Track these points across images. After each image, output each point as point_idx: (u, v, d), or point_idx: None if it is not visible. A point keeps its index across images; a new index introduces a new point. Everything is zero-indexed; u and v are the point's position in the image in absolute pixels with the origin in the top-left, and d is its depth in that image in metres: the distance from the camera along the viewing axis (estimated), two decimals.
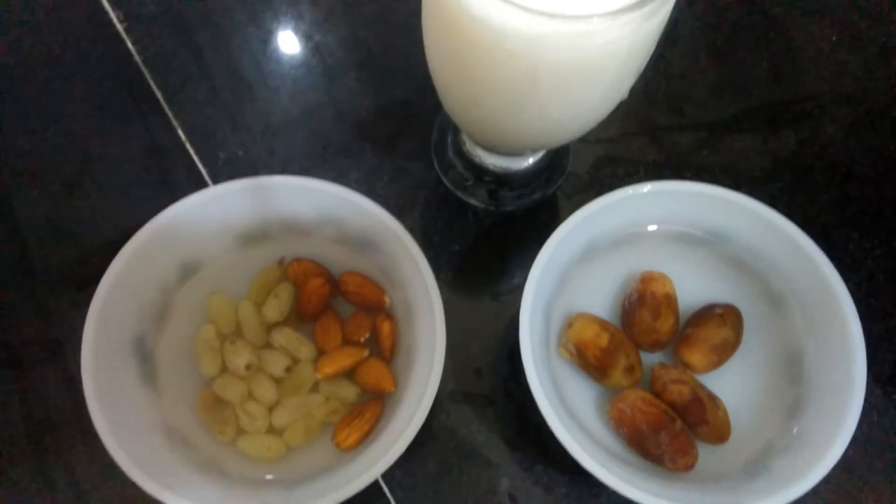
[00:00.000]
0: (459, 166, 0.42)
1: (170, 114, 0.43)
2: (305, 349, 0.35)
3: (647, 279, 0.35)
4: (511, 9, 0.25)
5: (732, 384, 0.34)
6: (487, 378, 0.38)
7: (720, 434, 0.33)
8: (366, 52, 0.45)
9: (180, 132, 0.43)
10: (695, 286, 0.36)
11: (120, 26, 0.45)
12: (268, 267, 0.37)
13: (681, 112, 0.44)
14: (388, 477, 0.36)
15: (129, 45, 0.45)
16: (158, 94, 0.44)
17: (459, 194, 0.41)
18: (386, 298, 0.36)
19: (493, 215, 0.41)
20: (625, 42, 0.27)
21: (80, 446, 0.36)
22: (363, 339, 0.35)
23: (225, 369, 0.35)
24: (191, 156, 0.42)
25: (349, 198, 0.34)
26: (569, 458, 0.30)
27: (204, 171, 0.42)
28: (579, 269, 0.36)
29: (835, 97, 0.45)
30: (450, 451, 0.36)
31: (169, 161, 0.42)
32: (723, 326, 0.34)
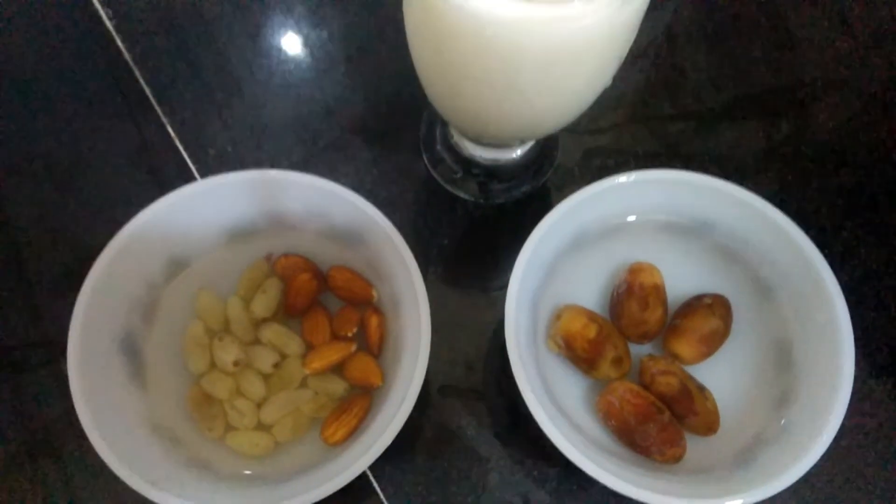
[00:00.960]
0: (448, 159, 0.42)
1: (159, 111, 0.43)
2: (294, 344, 0.35)
3: (635, 270, 0.35)
4: None
5: (722, 375, 0.34)
6: (478, 372, 0.38)
7: (709, 425, 0.33)
8: (355, 47, 0.45)
9: (170, 129, 0.43)
10: (684, 276, 0.36)
11: (110, 24, 0.45)
12: (256, 263, 0.37)
13: (671, 101, 0.44)
14: (377, 472, 0.36)
15: (119, 43, 0.45)
16: (148, 91, 0.44)
17: (449, 188, 0.41)
18: (374, 293, 0.36)
19: (482, 208, 0.41)
20: (604, 26, 0.27)
21: (76, 451, 0.36)
22: (351, 334, 0.35)
23: (213, 366, 0.35)
24: (181, 152, 0.42)
25: (336, 192, 0.34)
26: (559, 452, 0.30)
27: (194, 168, 0.42)
28: (567, 260, 0.36)
29: (827, 84, 0.44)
30: (440, 446, 0.36)
31: (159, 158, 0.42)
32: (711, 317, 0.34)
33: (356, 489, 0.35)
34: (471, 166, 0.41)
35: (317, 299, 0.36)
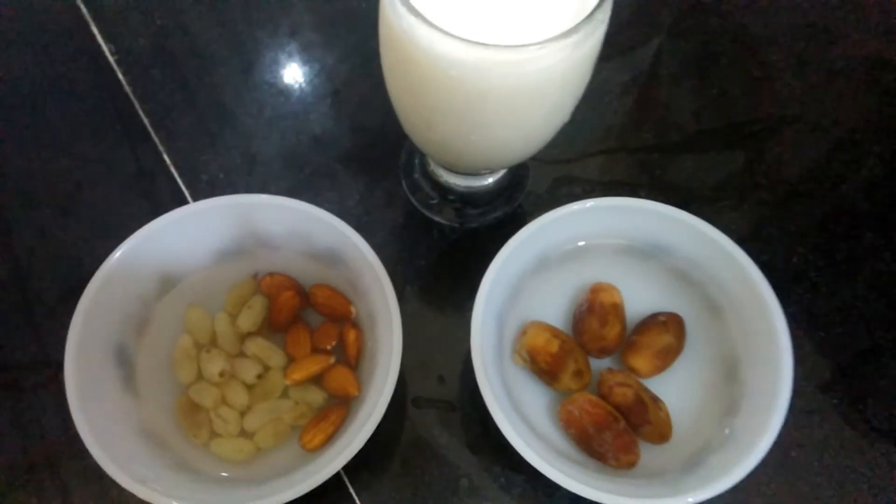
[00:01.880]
0: (426, 187, 0.44)
1: (156, 140, 0.46)
2: (276, 357, 0.38)
3: (596, 289, 0.38)
4: (451, 39, 0.27)
5: (675, 387, 0.37)
6: (450, 385, 0.40)
7: (662, 433, 0.35)
8: (340, 82, 0.48)
9: (166, 157, 0.46)
10: (641, 296, 0.39)
11: (112, 59, 0.48)
12: (242, 281, 0.39)
13: (634, 135, 0.47)
14: (353, 478, 0.38)
15: (120, 76, 0.48)
16: (146, 121, 0.47)
17: (426, 213, 0.44)
18: (352, 309, 0.38)
19: (458, 232, 0.44)
20: (559, 68, 0.30)
21: (77, 468, 0.38)
22: (330, 347, 0.37)
23: (200, 376, 0.37)
24: (175, 179, 0.45)
25: (317, 215, 0.36)
26: (525, 460, 0.32)
27: (187, 193, 0.45)
28: (533, 280, 0.39)
29: (781, 119, 0.47)
30: (413, 454, 0.38)
31: (155, 184, 0.45)
32: (665, 333, 0.36)
33: (333, 494, 0.37)
34: (447, 193, 0.44)
35: (299, 315, 0.39)
